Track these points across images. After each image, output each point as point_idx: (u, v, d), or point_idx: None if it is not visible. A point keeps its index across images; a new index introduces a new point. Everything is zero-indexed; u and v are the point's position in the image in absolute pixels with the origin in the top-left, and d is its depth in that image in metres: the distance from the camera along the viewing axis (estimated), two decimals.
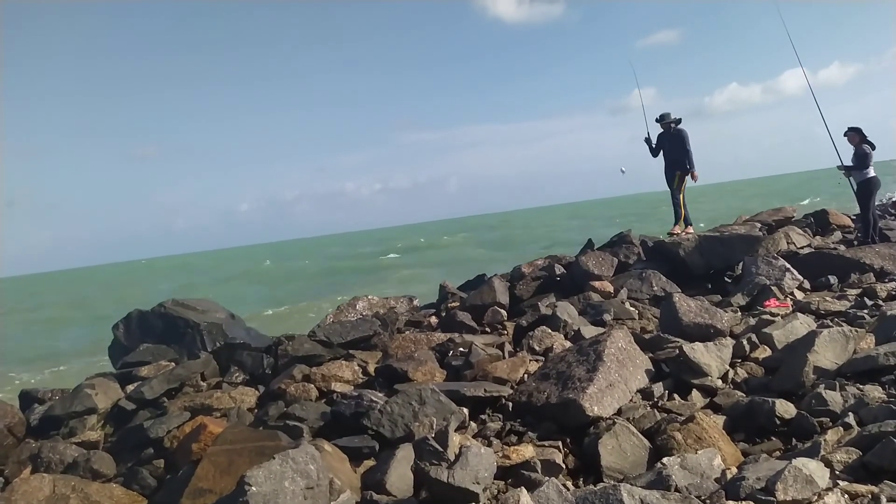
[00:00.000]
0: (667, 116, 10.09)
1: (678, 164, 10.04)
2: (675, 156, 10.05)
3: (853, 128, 9.09)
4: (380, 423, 4.21)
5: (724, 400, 4.54)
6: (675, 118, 10.14)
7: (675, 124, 10.09)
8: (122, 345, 8.54)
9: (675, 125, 10.09)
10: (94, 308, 32.70)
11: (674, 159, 10.09)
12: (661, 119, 10.14)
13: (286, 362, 6.27)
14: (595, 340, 5.11)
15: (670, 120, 10.09)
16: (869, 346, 4.88)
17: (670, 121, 10.09)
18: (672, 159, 10.11)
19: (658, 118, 10.16)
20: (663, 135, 10.20)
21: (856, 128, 9.08)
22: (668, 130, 10.10)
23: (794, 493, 2.88)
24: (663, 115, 10.13)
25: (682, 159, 9.98)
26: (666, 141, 10.15)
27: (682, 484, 3.17)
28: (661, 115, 10.15)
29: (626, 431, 3.91)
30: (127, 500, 4.15)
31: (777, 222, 10.90)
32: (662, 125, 10.15)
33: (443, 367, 5.66)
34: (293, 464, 3.10)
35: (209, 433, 4.36)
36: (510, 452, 3.87)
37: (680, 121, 10.17)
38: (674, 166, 10.11)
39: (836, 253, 8.37)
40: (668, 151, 10.14)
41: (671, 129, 10.07)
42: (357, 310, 8.93)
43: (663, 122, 10.12)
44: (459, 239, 54.40)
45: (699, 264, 8.51)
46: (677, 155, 10.03)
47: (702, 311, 5.86)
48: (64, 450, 4.87)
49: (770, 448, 3.85)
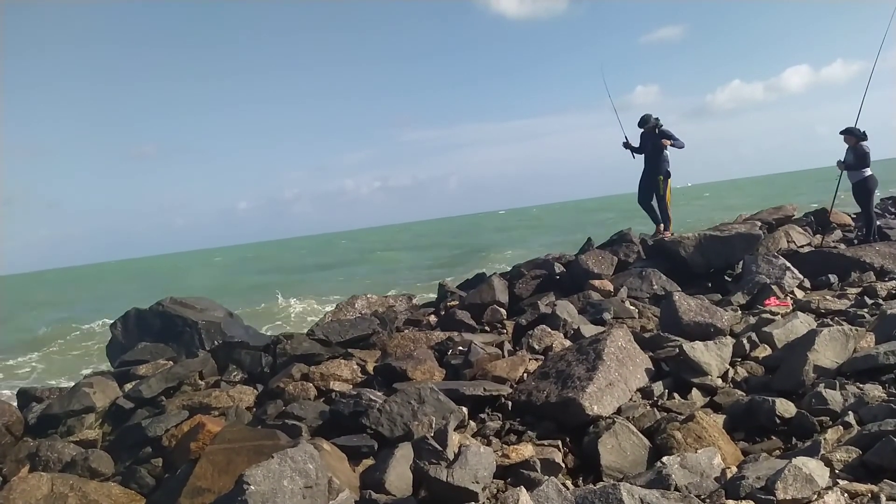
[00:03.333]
0: (648, 119, 9.82)
1: (660, 168, 9.80)
2: (658, 159, 9.81)
3: (849, 128, 9.07)
4: (379, 422, 4.20)
5: (724, 399, 4.53)
6: (655, 119, 9.84)
7: (657, 127, 9.79)
8: (120, 343, 8.53)
9: (657, 128, 9.79)
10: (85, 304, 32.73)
11: (656, 163, 9.84)
12: (642, 123, 9.88)
13: (285, 361, 6.26)
14: (595, 339, 5.10)
15: (652, 123, 9.80)
16: (869, 344, 4.87)
17: (653, 124, 9.80)
18: (654, 163, 9.86)
19: (639, 122, 9.90)
20: (645, 136, 9.94)
21: (851, 128, 9.06)
22: (652, 132, 9.81)
23: (794, 492, 2.87)
24: (644, 119, 9.85)
25: (664, 162, 9.75)
26: (648, 142, 9.89)
27: (681, 483, 3.17)
28: (641, 119, 9.88)
29: (625, 430, 3.90)
30: (125, 498, 4.14)
31: (777, 221, 10.88)
32: (646, 128, 9.87)
33: (442, 366, 5.65)
34: (292, 463, 3.09)
35: (207, 432, 4.35)
36: (510, 451, 3.86)
37: (659, 122, 9.86)
38: (656, 171, 9.85)
39: (836, 252, 8.36)
40: (651, 154, 9.88)
41: (654, 131, 9.78)
42: (356, 308, 8.92)
43: (646, 125, 9.85)
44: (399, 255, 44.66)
45: (699, 263, 8.50)
46: (660, 158, 9.78)
47: (702, 309, 5.85)
48: (62, 448, 4.86)
49: (770, 447, 3.84)
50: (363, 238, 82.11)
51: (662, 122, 9.83)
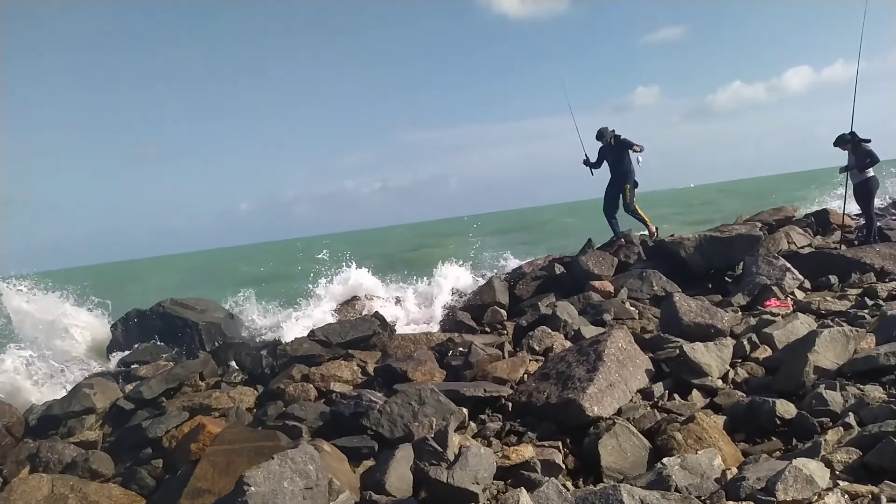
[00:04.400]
0: (605, 132, 9.85)
1: (624, 177, 9.82)
2: (621, 169, 9.84)
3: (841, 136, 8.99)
4: (379, 423, 4.20)
5: (724, 400, 4.53)
6: (612, 131, 9.87)
7: (613, 138, 9.82)
8: (121, 344, 8.53)
9: (614, 138, 9.82)
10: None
11: (620, 173, 9.87)
12: (599, 136, 9.91)
13: (285, 362, 6.27)
14: (595, 340, 5.10)
15: (609, 135, 9.84)
16: (869, 346, 4.87)
17: (609, 136, 9.83)
18: (618, 173, 9.89)
19: (597, 136, 9.92)
20: (605, 148, 9.97)
21: (843, 135, 8.98)
22: (610, 144, 9.86)
23: (794, 493, 2.87)
24: (601, 132, 9.88)
25: (627, 172, 9.80)
26: (609, 154, 9.93)
27: (682, 484, 3.16)
28: (598, 132, 9.91)
29: (626, 431, 3.90)
30: (125, 499, 4.14)
31: (778, 222, 10.88)
32: (603, 141, 9.91)
33: (442, 367, 5.65)
34: (292, 464, 3.09)
35: (208, 433, 4.35)
36: (510, 452, 3.86)
37: (615, 132, 9.86)
38: (621, 180, 9.87)
39: (836, 253, 8.36)
40: (613, 165, 9.91)
41: (612, 143, 9.83)
42: (356, 309, 8.92)
43: (603, 138, 9.88)
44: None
45: (700, 264, 8.49)
46: (623, 168, 9.82)
47: (702, 310, 5.84)
48: (62, 449, 4.86)
49: (770, 448, 3.84)
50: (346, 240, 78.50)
51: (620, 133, 9.83)
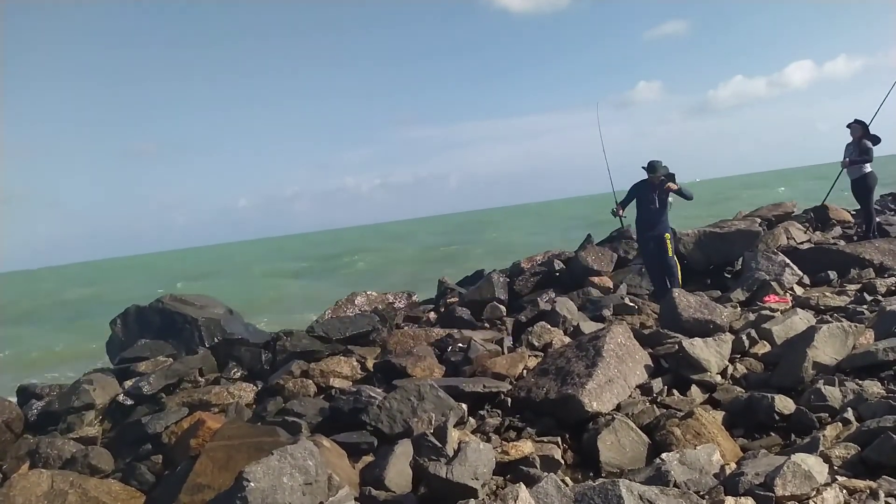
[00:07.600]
0: (657, 166, 7.62)
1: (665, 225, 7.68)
2: (663, 216, 7.67)
3: (859, 121, 9.07)
4: (378, 419, 4.20)
5: (723, 395, 4.54)
6: (665, 167, 7.64)
7: (667, 176, 7.57)
8: (120, 340, 8.52)
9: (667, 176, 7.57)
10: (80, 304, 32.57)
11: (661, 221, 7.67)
12: (651, 169, 7.65)
13: (284, 358, 6.27)
14: (594, 336, 5.10)
15: (662, 171, 7.61)
16: (868, 341, 4.87)
17: (662, 172, 7.60)
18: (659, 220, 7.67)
19: (648, 168, 7.67)
20: (646, 186, 7.69)
21: (861, 121, 9.07)
22: (656, 183, 7.61)
23: (792, 488, 2.88)
24: (653, 165, 7.64)
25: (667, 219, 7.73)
26: (648, 193, 7.66)
27: (680, 479, 3.17)
28: (650, 165, 7.66)
29: (625, 427, 3.91)
30: (125, 495, 4.14)
31: (777, 217, 10.88)
32: (653, 177, 7.63)
33: (441, 363, 5.65)
34: (291, 459, 3.10)
35: (207, 429, 4.35)
36: (509, 448, 3.86)
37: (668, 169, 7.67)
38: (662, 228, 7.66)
39: (835, 248, 8.36)
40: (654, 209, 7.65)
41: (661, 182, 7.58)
42: (355, 305, 8.91)
43: (655, 173, 7.62)
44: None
45: (699, 260, 8.50)
46: (665, 215, 7.69)
47: (701, 306, 5.85)
48: (62, 445, 4.86)
49: (769, 443, 3.85)
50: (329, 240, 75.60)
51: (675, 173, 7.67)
